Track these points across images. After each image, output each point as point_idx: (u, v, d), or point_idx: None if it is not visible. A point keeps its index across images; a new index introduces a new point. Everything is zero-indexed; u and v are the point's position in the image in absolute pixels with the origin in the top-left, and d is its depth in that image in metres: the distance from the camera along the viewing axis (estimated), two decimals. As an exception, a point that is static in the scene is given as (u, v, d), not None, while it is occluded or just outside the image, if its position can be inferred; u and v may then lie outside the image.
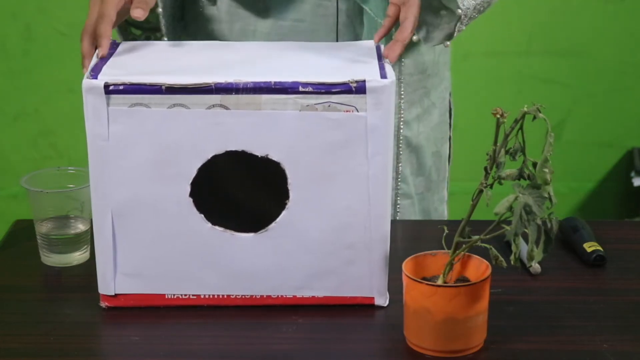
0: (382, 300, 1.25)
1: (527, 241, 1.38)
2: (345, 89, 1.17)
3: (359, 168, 1.20)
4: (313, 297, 1.25)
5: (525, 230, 1.09)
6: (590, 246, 1.37)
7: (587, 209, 2.91)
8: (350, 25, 1.45)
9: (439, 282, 1.16)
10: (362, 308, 1.25)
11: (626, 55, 2.82)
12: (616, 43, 2.81)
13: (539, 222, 1.09)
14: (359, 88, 1.17)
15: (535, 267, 1.34)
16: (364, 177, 1.20)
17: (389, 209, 1.22)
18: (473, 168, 2.87)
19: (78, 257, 1.37)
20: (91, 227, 1.36)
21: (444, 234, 1.20)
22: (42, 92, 2.78)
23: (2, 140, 2.82)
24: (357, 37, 1.45)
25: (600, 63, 2.82)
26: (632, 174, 2.81)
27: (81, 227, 1.37)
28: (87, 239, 1.37)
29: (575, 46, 2.81)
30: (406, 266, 1.16)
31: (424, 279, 1.16)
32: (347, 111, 1.18)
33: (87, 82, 1.17)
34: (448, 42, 1.41)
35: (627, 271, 1.36)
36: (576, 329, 1.21)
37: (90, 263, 1.37)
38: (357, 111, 1.18)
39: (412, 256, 1.18)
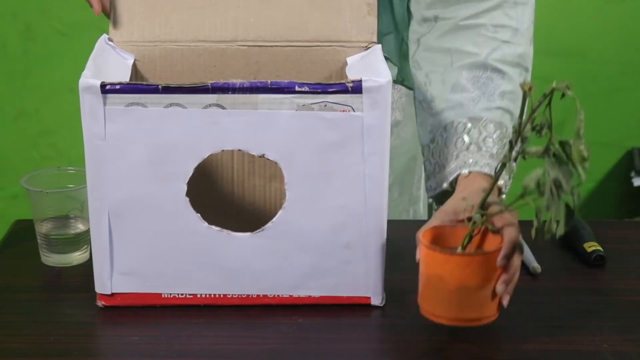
0: (377, 300, 1.25)
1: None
2: (341, 88, 1.17)
3: (356, 168, 1.20)
4: (309, 296, 1.25)
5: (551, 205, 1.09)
6: (590, 246, 1.37)
7: (587, 209, 2.91)
8: None
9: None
10: (360, 308, 1.25)
11: (626, 55, 2.82)
12: (616, 43, 2.81)
13: (565, 196, 1.09)
14: (355, 88, 1.17)
15: (535, 267, 1.34)
16: (360, 177, 1.20)
17: (386, 209, 1.23)
18: (473, 168, 2.87)
19: (78, 257, 1.37)
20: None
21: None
22: (42, 92, 2.78)
23: (2, 140, 2.82)
24: None
25: (600, 63, 2.82)
26: (632, 174, 2.81)
27: (81, 227, 1.37)
28: (87, 239, 1.37)
29: (575, 46, 2.81)
30: (424, 235, 1.15)
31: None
32: (343, 111, 1.18)
33: (83, 81, 1.17)
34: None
35: (627, 271, 1.36)
36: (576, 329, 1.21)
37: (90, 263, 1.37)
38: (354, 111, 1.18)
39: (430, 227, 1.18)
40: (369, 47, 1.33)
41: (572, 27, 2.79)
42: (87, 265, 1.36)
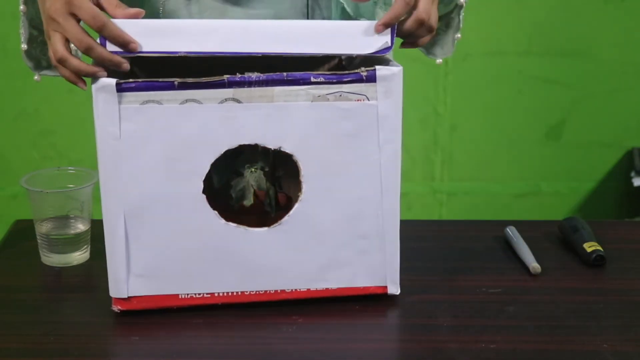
0: (394, 288, 1.26)
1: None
2: (356, 78, 1.18)
3: (371, 157, 1.20)
4: (327, 289, 1.25)
5: None
6: (590, 246, 1.37)
7: (587, 209, 2.91)
8: (318, 10, 1.43)
9: None
10: (360, 308, 1.25)
11: (626, 55, 2.82)
12: (616, 43, 2.81)
13: None
14: (370, 77, 1.18)
15: (535, 267, 1.34)
16: (376, 166, 1.21)
17: (399, 196, 1.23)
18: (473, 168, 2.88)
19: (78, 257, 1.37)
20: (91, 227, 1.37)
21: None
22: (42, 92, 2.77)
23: (2, 140, 2.82)
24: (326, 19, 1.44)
25: (600, 63, 2.82)
26: (632, 174, 2.81)
27: (81, 227, 1.37)
28: (87, 239, 1.37)
29: (575, 46, 2.81)
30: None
31: None
32: (358, 100, 1.18)
33: (97, 80, 1.15)
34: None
35: (627, 271, 1.36)
36: (576, 329, 1.21)
37: (90, 263, 1.37)
38: (368, 100, 1.19)
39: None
40: None
41: (572, 27, 2.79)
42: (87, 265, 1.36)
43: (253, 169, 1.25)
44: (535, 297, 1.29)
